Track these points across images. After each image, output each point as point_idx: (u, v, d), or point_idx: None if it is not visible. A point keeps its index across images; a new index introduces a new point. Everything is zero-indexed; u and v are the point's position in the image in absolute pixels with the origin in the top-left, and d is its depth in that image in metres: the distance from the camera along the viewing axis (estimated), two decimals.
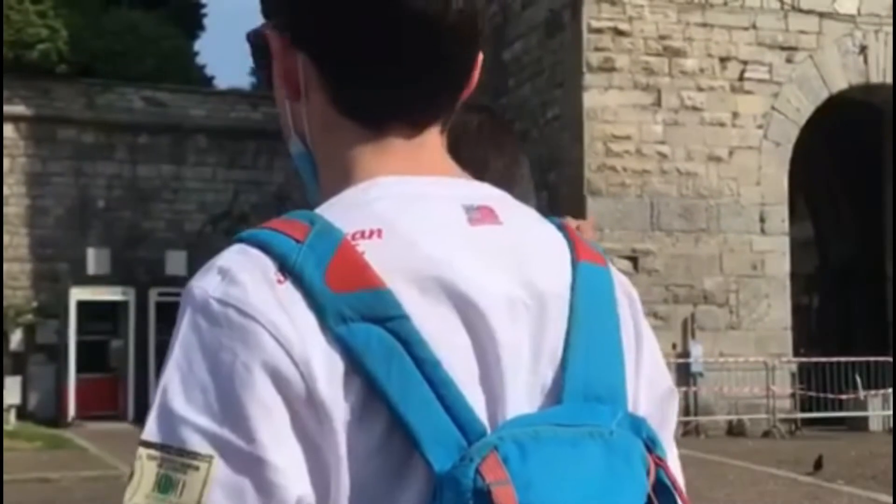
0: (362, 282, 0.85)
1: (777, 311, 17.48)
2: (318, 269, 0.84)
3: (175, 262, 22.80)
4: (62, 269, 22.16)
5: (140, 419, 13.48)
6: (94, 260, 21.87)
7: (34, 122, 22.34)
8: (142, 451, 0.82)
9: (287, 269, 0.85)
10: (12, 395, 20.77)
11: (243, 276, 0.85)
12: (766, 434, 16.74)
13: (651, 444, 0.90)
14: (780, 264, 17.64)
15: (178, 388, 0.83)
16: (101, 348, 21.77)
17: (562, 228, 1.00)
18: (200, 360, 0.83)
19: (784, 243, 17.73)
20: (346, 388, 0.82)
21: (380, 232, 0.88)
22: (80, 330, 21.31)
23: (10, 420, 20.07)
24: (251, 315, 0.83)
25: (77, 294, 21.36)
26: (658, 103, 17.39)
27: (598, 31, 17.20)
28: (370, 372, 0.82)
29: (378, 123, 0.97)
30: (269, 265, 0.85)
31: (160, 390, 0.83)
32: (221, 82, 32.31)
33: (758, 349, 17.15)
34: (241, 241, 0.88)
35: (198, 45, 28.64)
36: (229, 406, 0.81)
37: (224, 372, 0.82)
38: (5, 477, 12.67)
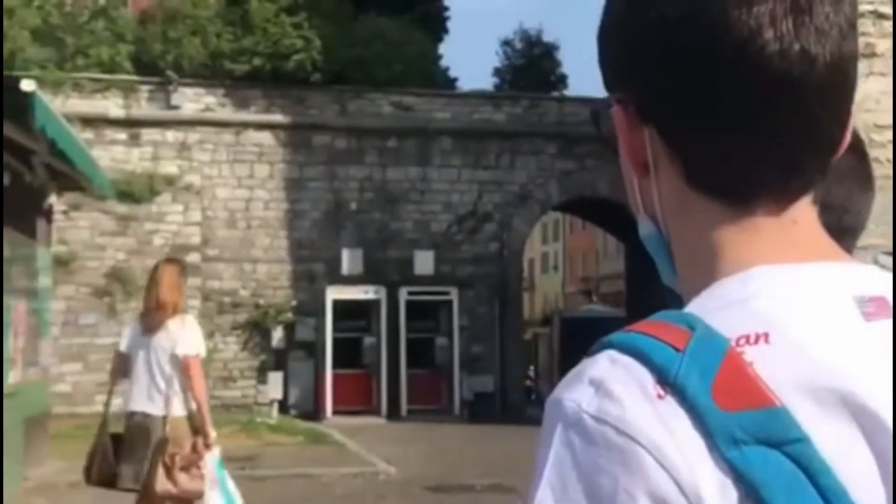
0: (755, 398, 0.75)
1: None
2: (704, 384, 0.75)
3: (423, 261, 23.41)
4: (318, 269, 23.16)
5: (391, 415, 13.97)
6: (348, 260, 22.74)
7: (291, 130, 23.44)
8: None
9: (667, 382, 0.76)
10: (275, 390, 21.93)
11: (619, 390, 0.76)
12: None
13: None
14: None
15: None
16: (355, 345, 22.58)
17: None
18: (576, 482, 0.75)
19: None
20: None
21: (766, 336, 0.78)
22: (336, 328, 22.19)
23: (273, 414, 21.18)
24: (631, 435, 0.75)
25: (332, 293, 22.26)
26: None
27: (859, 14, 16.26)
28: None
29: (740, 200, 0.86)
30: (646, 377, 0.76)
31: None
32: (464, 84, 32.86)
33: None
34: (611, 346, 0.80)
35: (441, 48, 29.22)
36: None
37: (604, 498, 0.74)
38: (271, 472, 13.37)
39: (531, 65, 29.33)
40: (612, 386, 0.77)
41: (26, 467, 11.99)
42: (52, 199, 13.55)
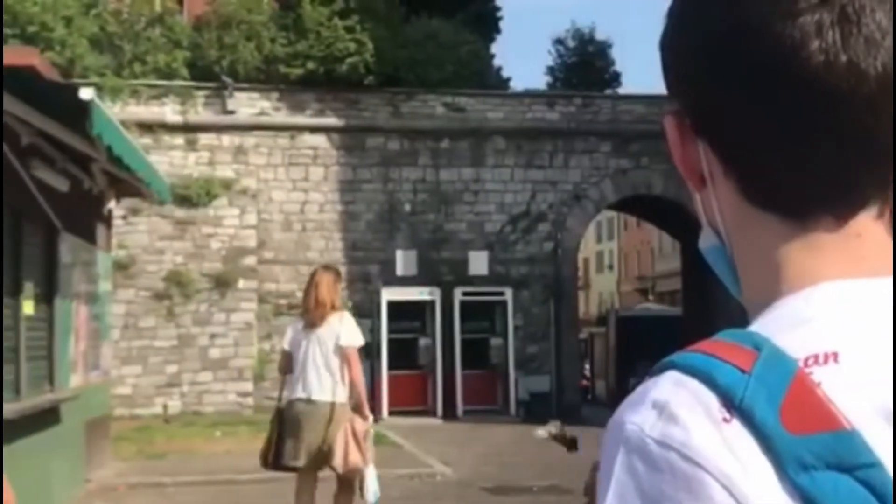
0: (824, 422, 0.72)
1: None
2: (771, 407, 0.73)
3: (477, 262, 23.40)
4: (373, 270, 23.25)
5: (447, 415, 13.92)
6: (402, 261, 22.80)
7: (345, 133, 23.57)
8: None
9: (733, 405, 0.73)
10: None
11: (683, 413, 0.74)
12: None
13: None
14: None
15: None
16: (411, 346, 22.64)
17: None
18: None
19: None
20: None
21: (835, 356, 0.75)
22: (391, 328, 22.26)
23: None
24: (697, 461, 0.72)
25: (387, 294, 22.33)
26: None
27: None
28: None
29: (797, 215, 0.83)
30: (711, 400, 0.74)
31: None
32: (517, 83, 32.80)
33: None
34: (673, 367, 0.78)
35: (493, 48, 29.20)
36: None
37: None
38: (329, 472, 13.42)
39: (584, 63, 29.20)
40: (676, 409, 0.74)
41: (87, 469, 12.18)
42: (112, 204, 13.75)
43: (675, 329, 27.44)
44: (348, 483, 7.89)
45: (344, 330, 7.69)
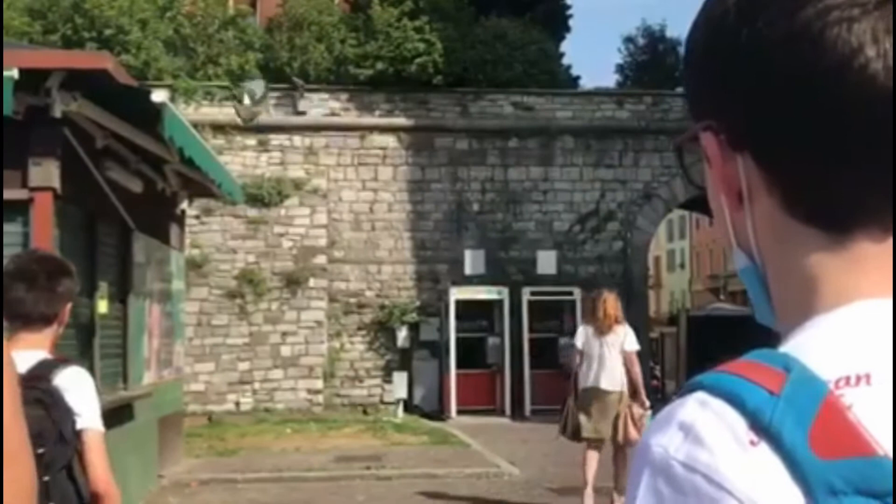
0: (855, 446, 0.71)
1: None
2: (800, 430, 0.72)
3: (545, 261, 23.29)
4: (441, 269, 23.29)
5: (515, 415, 13.98)
6: (471, 261, 22.79)
7: (413, 133, 23.63)
8: None
9: (761, 427, 0.72)
10: (399, 389, 22.14)
11: (710, 436, 0.73)
12: None
13: None
14: None
15: None
16: (479, 345, 22.62)
17: None
18: None
19: None
20: None
21: (867, 377, 0.74)
22: (459, 328, 22.26)
23: (398, 413, 21.40)
24: (722, 485, 0.72)
25: (456, 293, 22.34)
26: None
27: None
28: None
29: (843, 228, 0.82)
30: (738, 422, 0.73)
31: None
32: (587, 82, 32.57)
33: None
34: (701, 388, 0.77)
35: (563, 46, 29.05)
36: None
37: None
38: (396, 471, 13.51)
39: (655, 61, 28.90)
40: (702, 431, 0.74)
41: (160, 466, 12.40)
42: (185, 204, 13.97)
43: (746, 329, 26.65)
44: (624, 452, 9.98)
45: (627, 338, 9.92)
